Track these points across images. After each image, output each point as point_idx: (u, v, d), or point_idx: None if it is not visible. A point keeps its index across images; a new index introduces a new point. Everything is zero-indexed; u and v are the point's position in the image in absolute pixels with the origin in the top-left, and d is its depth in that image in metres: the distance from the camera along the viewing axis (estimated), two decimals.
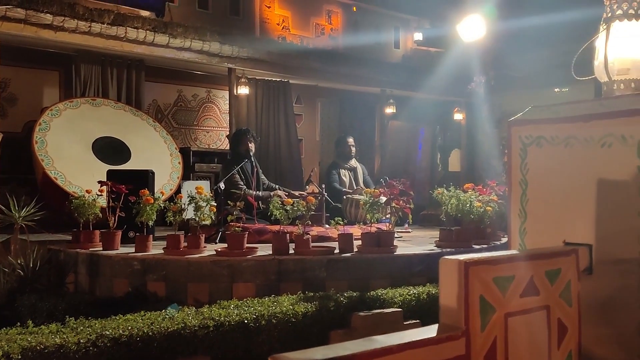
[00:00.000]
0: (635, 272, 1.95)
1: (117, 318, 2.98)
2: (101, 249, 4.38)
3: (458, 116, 10.51)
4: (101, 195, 4.55)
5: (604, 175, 2.04)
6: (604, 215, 2.04)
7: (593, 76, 2.48)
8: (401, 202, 4.39)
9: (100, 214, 4.54)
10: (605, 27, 2.40)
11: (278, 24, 9.13)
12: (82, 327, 2.80)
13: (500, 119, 9.01)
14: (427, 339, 1.34)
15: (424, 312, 3.52)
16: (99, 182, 4.53)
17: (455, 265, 1.45)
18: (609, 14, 2.40)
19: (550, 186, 2.20)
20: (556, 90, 9.82)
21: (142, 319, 2.96)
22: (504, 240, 4.68)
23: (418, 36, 10.64)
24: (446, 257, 1.51)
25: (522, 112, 2.34)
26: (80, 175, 5.87)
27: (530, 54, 9.12)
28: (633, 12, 2.34)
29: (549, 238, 2.12)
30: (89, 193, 4.54)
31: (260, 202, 5.76)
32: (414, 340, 1.31)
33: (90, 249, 4.37)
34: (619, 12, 2.36)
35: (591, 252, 2.04)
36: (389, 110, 9.79)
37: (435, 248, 4.66)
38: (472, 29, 5.90)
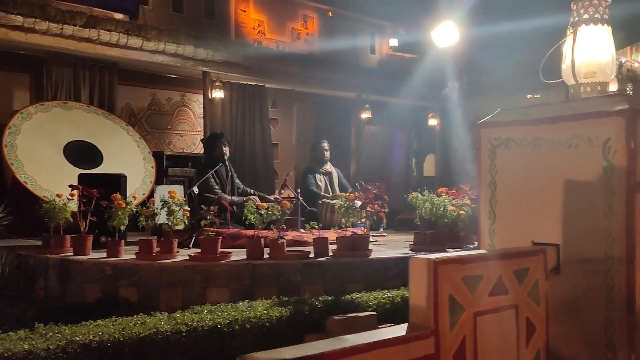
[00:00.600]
0: (602, 272, 1.99)
1: (88, 324, 2.93)
2: (72, 254, 4.30)
3: (433, 121, 10.64)
4: (72, 199, 4.47)
5: (571, 176, 2.08)
6: (571, 215, 2.08)
7: (561, 79, 2.53)
8: (376, 206, 4.41)
9: (71, 219, 4.46)
10: (572, 31, 2.45)
11: (254, 28, 9.11)
12: (51, 333, 2.74)
13: (474, 124, 9.09)
14: (396, 338, 1.34)
15: (399, 315, 3.53)
16: (70, 186, 4.45)
17: (425, 265, 1.46)
18: (576, 18, 2.45)
19: (519, 187, 2.24)
20: (528, 96, 9.97)
21: (113, 325, 2.91)
22: None
23: (393, 42, 10.72)
24: (416, 256, 1.52)
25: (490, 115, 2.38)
26: (51, 179, 5.76)
27: (503, 60, 9.25)
28: (599, 17, 2.39)
29: (518, 238, 2.15)
30: (59, 197, 4.46)
31: (234, 206, 5.73)
32: (383, 339, 1.31)
33: (61, 254, 4.28)
34: (586, 16, 2.41)
35: (559, 251, 2.08)
36: (365, 115, 9.84)
37: (410, 252, 4.68)
38: (446, 35, 5.99)
